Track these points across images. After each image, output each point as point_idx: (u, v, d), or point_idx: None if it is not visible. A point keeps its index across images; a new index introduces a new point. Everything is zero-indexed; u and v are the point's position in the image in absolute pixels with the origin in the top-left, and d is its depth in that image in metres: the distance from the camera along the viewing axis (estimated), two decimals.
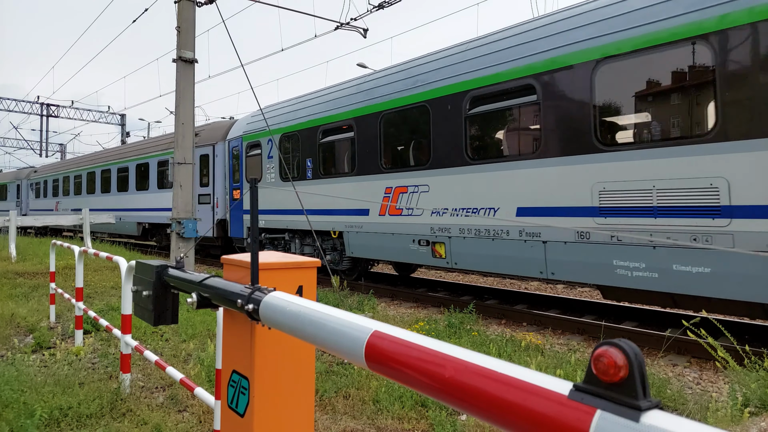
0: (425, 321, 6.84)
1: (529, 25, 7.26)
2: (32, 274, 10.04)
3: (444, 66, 8.19)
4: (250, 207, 1.85)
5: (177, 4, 9.89)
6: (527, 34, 7.14)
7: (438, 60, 8.43)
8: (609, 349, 0.75)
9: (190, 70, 9.96)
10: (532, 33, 7.08)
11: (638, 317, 7.54)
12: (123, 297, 4.17)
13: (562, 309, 8.28)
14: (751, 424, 3.46)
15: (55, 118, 42.47)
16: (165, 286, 2.35)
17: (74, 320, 5.60)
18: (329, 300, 8.18)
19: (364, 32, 13.13)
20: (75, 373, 4.37)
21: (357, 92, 9.84)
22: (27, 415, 3.38)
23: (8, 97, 32.29)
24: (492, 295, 9.49)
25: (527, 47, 7.03)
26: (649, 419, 0.70)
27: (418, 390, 1.03)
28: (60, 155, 43.32)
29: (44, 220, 16.15)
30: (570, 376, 4.60)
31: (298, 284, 2.06)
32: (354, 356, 1.20)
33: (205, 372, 4.33)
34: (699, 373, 5.39)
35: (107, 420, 3.53)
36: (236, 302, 1.73)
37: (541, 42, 6.87)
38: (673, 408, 4.21)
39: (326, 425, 3.61)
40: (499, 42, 7.53)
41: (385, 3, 12.04)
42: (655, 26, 5.72)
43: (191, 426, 3.51)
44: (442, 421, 3.52)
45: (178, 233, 9.83)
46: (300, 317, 1.42)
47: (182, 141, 9.92)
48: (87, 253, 5.35)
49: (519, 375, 0.87)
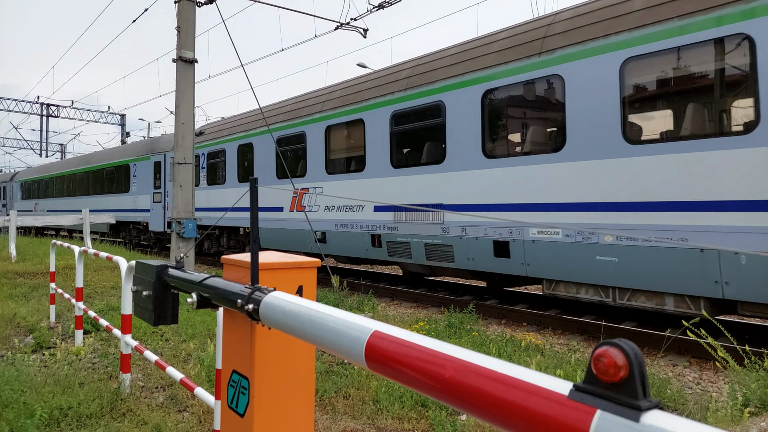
0: (425, 321, 6.84)
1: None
2: (32, 274, 10.04)
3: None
4: (250, 206, 1.85)
5: (177, 4, 9.89)
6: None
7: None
8: (609, 349, 0.75)
9: (190, 70, 9.96)
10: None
11: (638, 317, 7.54)
12: (123, 297, 4.17)
13: (562, 309, 8.27)
14: (751, 424, 3.45)
15: (55, 118, 42.49)
16: (165, 286, 2.35)
17: (74, 320, 5.60)
18: (329, 300, 8.18)
19: (364, 32, 13.13)
20: (75, 373, 4.37)
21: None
22: (27, 415, 3.38)
23: (8, 97, 32.37)
24: (492, 295, 9.49)
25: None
26: (649, 419, 0.70)
27: (418, 390, 1.03)
28: (60, 155, 43.33)
29: (44, 220, 16.19)
30: (570, 376, 4.61)
31: (298, 284, 2.06)
32: (354, 356, 1.20)
33: (205, 372, 4.33)
34: (699, 373, 5.39)
35: (107, 420, 3.53)
36: (236, 302, 1.73)
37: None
38: (673, 408, 4.21)
39: (326, 425, 3.61)
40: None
41: (385, 3, 12.04)
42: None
43: (191, 426, 3.51)
44: (442, 421, 3.52)
45: (178, 233, 9.82)
46: (300, 317, 1.42)
47: (182, 141, 9.92)
48: (87, 253, 5.35)
49: (519, 375, 0.87)
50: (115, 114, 35.54)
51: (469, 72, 7.59)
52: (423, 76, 8.49)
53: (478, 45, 7.91)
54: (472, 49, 7.94)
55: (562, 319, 7.25)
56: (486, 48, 7.64)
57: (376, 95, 9.30)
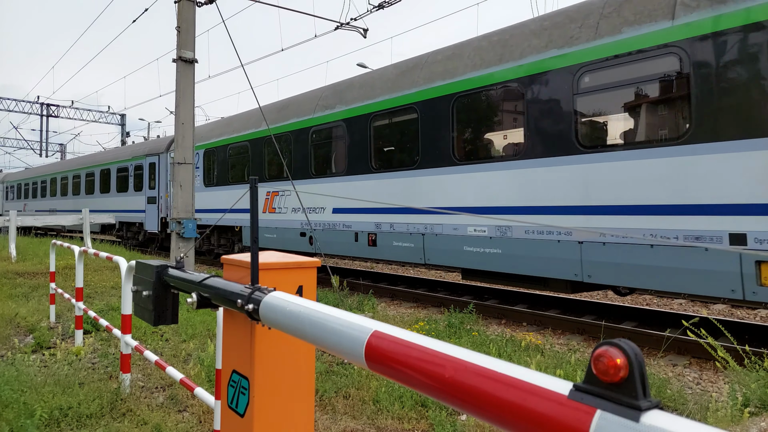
0: (425, 321, 6.84)
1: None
2: (32, 274, 10.04)
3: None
4: (250, 207, 1.85)
5: (177, 4, 9.89)
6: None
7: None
8: (609, 349, 0.75)
9: (190, 70, 9.96)
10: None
11: (638, 317, 7.54)
12: (123, 297, 4.17)
13: (562, 309, 8.28)
14: (751, 424, 3.46)
15: (55, 118, 42.50)
16: (165, 286, 2.35)
17: (74, 320, 5.60)
18: (329, 300, 8.18)
19: (364, 32, 13.14)
20: (75, 373, 4.37)
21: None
22: (27, 415, 3.38)
23: (8, 97, 32.32)
24: (492, 295, 9.49)
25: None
26: (649, 419, 0.70)
27: (418, 390, 1.03)
28: (60, 155, 43.33)
29: (44, 220, 16.22)
30: (570, 376, 4.61)
31: (298, 284, 2.06)
32: (354, 356, 1.20)
33: (205, 372, 4.33)
34: (699, 373, 5.39)
35: (107, 420, 3.53)
36: (236, 302, 1.73)
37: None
38: (673, 408, 4.21)
39: (326, 425, 3.61)
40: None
41: (385, 3, 12.04)
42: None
43: (191, 426, 3.51)
44: (442, 421, 3.52)
45: (178, 233, 9.82)
46: (300, 317, 1.42)
47: (182, 141, 9.92)
48: (87, 253, 5.35)
49: (519, 375, 0.87)
50: (115, 114, 35.55)
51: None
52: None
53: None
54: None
55: (562, 319, 7.25)
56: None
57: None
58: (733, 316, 8.04)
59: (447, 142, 7.84)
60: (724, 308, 8.49)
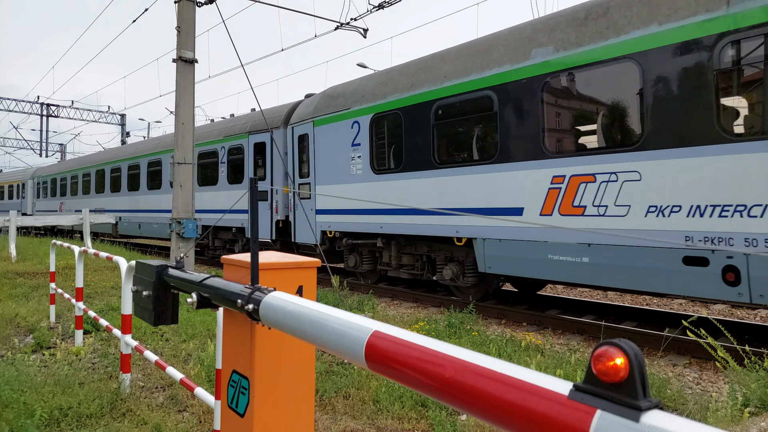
0: (425, 321, 6.83)
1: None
2: (32, 274, 10.04)
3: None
4: (249, 207, 1.85)
5: (177, 4, 9.89)
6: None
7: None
8: (609, 349, 0.75)
9: (190, 70, 9.96)
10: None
11: (638, 317, 7.54)
12: (123, 297, 4.16)
13: (562, 309, 8.28)
14: (751, 424, 3.46)
15: (55, 118, 42.51)
16: (165, 286, 2.35)
17: (74, 320, 5.60)
18: (329, 300, 8.18)
19: (364, 32, 13.14)
20: (75, 373, 4.37)
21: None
22: (27, 415, 3.38)
23: (8, 97, 32.33)
24: (492, 295, 9.49)
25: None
26: (649, 419, 0.70)
27: (418, 390, 1.03)
28: (60, 155, 43.33)
29: (44, 220, 16.19)
30: (570, 376, 4.60)
31: (298, 284, 2.06)
32: (354, 356, 1.20)
33: (205, 372, 4.33)
34: (699, 373, 5.39)
35: (107, 420, 3.53)
36: (236, 302, 1.73)
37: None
38: (673, 408, 4.21)
39: (326, 425, 3.61)
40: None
41: (385, 3, 12.04)
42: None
43: (191, 426, 3.51)
44: (442, 421, 3.52)
45: (178, 233, 9.82)
46: (300, 317, 1.42)
47: (182, 141, 9.92)
48: (87, 253, 5.35)
49: (519, 375, 0.87)
50: (115, 114, 35.54)
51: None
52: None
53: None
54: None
55: (561, 319, 7.25)
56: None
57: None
58: (733, 316, 8.04)
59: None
60: (724, 308, 8.49)
